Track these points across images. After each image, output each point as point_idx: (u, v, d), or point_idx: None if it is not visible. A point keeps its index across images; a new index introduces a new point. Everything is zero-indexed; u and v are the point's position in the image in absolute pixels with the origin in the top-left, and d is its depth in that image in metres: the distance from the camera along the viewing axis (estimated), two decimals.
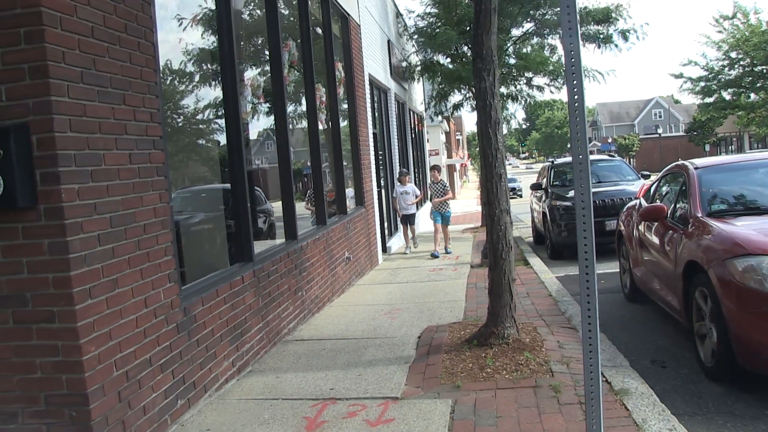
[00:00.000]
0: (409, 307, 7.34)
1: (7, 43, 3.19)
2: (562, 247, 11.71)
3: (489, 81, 5.23)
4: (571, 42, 2.92)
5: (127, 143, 3.80)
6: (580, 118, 2.96)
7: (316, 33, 8.84)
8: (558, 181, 13.30)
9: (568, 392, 4.24)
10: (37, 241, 3.26)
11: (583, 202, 3.00)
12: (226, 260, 5.60)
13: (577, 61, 2.92)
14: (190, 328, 4.36)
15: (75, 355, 3.28)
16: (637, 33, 14.29)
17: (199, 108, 5.72)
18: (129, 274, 3.72)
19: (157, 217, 4.06)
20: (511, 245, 5.34)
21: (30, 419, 3.35)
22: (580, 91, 2.94)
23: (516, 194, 37.72)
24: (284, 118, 6.81)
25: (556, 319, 6.31)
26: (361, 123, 10.75)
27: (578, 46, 2.93)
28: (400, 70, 16.68)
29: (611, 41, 14.17)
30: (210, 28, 5.67)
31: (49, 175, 3.23)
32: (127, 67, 3.84)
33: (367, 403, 4.31)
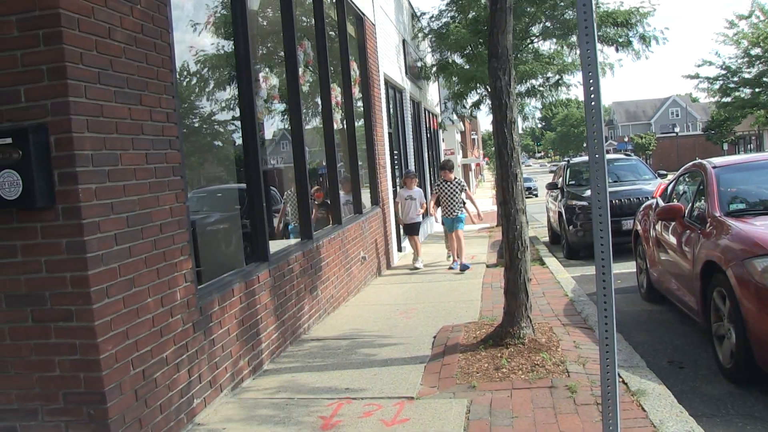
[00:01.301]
0: (425, 307, 7.33)
1: (26, 45, 3.23)
2: (578, 246, 11.64)
3: (504, 80, 5.21)
4: (587, 41, 2.90)
5: (144, 143, 3.83)
6: (597, 117, 2.95)
7: (331, 33, 8.85)
8: (574, 180, 13.22)
9: (584, 392, 4.21)
10: (55, 240, 3.29)
11: (600, 201, 2.98)
12: (241, 260, 5.62)
13: (593, 60, 2.90)
14: (206, 327, 4.38)
15: (92, 353, 3.30)
16: (657, 39, 14.02)
17: (214, 108, 5.75)
18: (145, 274, 3.74)
19: (174, 216, 4.08)
20: (527, 245, 5.31)
21: (49, 417, 3.38)
22: (596, 90, 2.92)
23: (532, 194, 37.56)
24: (299, 118, 6.82)
25: (572, 319, 6.27)
26: (377, 123, 10.75)
27: (594, 45, 2.91)
28: (416, 70, 16.66)
29: (630, 46, 13.93)
30: (225, 29, 5.69)
31: (67, 175, 3.26)
32: (143, 68, 3.86)
33: (382, 403, 4.31)
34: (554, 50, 14.88)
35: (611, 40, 13.88)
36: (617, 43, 13.87)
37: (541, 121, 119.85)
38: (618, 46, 13.94)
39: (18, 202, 3.21)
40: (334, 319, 7.07)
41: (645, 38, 13.86)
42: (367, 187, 10.21)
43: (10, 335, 3.38)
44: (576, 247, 11.69)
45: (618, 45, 13.91)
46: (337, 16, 9.09)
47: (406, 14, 16.25)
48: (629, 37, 13.82)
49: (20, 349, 3.38)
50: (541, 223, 18.14)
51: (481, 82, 15.22)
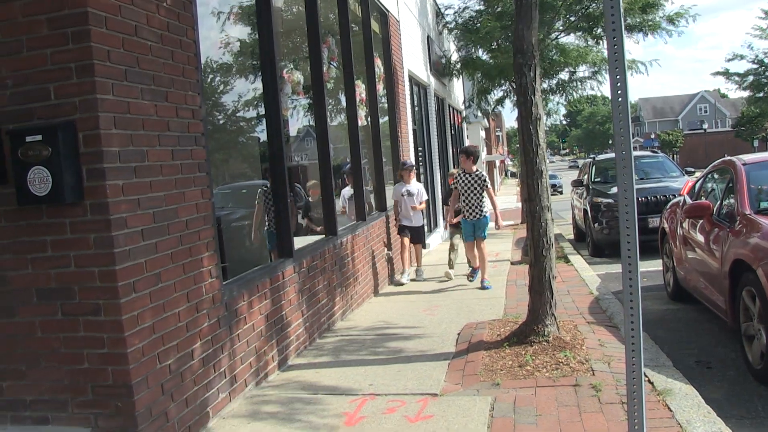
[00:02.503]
0: (449, 304, 7.32)
1: (55, 44, 3.27)
2: (603, 244, 11.54)
3: (530, 76, 5.17)
4: (614, 36, 2.87)
5: (170, 140, 3.86)
6: (624, 113, 2.91)
7: (356, 29, 8.86)
8: (599, 177, 13.10)
9: (609, 391, 4.17)
10: (83, 235, 3.34)
11: (627, 199, 2.95)
12: (266, 255, 5.66)
13: (620, 54, 2.87)
14: (231, 323, 4.42)
15: (120, 347, 3.35)
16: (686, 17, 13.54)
17: (239, 105, 5.78)
18: (172, 269, 3.78)
19: (199, 212, 4.12)
20: (552, 242, 5.28)
21: (78, 408, 3.43)
22: (623, 86, 2.89)
23: (556, 191, 37.29)
24: (324, 115, 6.84)
25: (598, 317, 6.22)
26: (401, 119, 10.74)
27: (622, 39, 2.88)
28: (440, 66, 16.61)
29: (659, 27, 13.53)
30: (250, 26, 5.72)
31: (95, 171, 3.30)
32: (169, 65, 3.89)
33: (406, 399, 4.31)
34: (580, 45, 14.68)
35: (638, 28, 13.56)
36: (645, 29, 13.51)
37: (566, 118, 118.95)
38: (646, 32, 13.59)
39: (48, 198, 3.26)
40: (359, 315, 7.08)
41: (672, 19, 13.47)
42: (391, 183, 10.21)
43: (41, 328, 3.44)
44: (601, 245, 11.58)
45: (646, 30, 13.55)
46: (362, 12, 9.09)
47: (430, 10, 16.21)
48: (657, 21, 13.44)
49: (50, 342, 3.44)
50: (566, 220, 18.01)
51: (506, 77, 15.10)
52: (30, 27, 3.30)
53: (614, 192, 11.24)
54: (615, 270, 9.41)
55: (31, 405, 3.50)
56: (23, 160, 3.27)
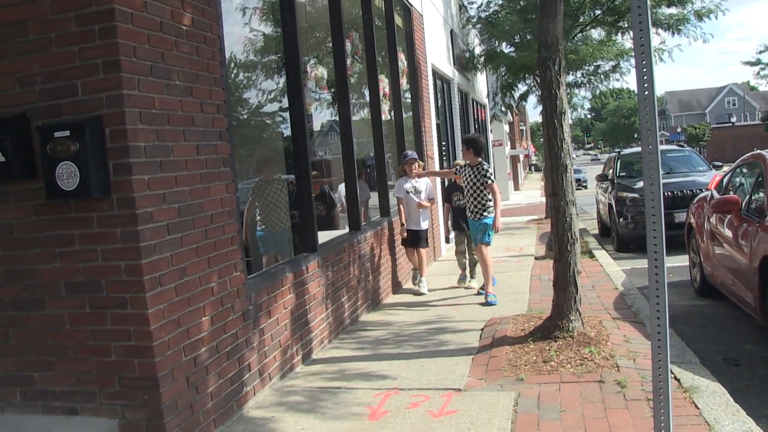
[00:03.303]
0: (472, 299, 7.29)
1: (82, 40, 3.31)
2: (628, 239, 11.42)
3: (554, 70, 5.13)
4: (641, 28, 2.84)
5: (195, 135, 3.89)
6: (650, 107, 2.88)
7: (379, 24, 8.84)
8: (625, 171, 12.96)
9: (634, 388, 4.13)
10: (110, 229, 3.38)
11: (653, 193, 2.92)
12: (290, 250, 5.68)
13: (647, 47, 2.83)
14: (255, 317, 4.45)
15: (146, 340, 3.39)
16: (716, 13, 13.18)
17: (263, 100, 5.81)
18: (197, 263, 3.81)
19: (224, 207, 4.15)
20: (577, 237, 5.24)
21: (106, 400, 3.48)
22: (650, 79, 2.86)
23: (581, 185, 36.96)
24: (347, 109, 6.85)
25: (623, 312, 6.16)
26: (425, 114, 10.71)
27: (648, 31, 2.84)
28: (463, 61, 16.53)
29: (688, 22, 13.21)
30: (274, 21, 5.74)
31: (121, 166, 3.33)
32: (194, 61, 3.92)
33: (429, 394, 4.31)
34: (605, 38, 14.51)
35: (665, 24, 13.32)
36: (672, 26, 13.25)
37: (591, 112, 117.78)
38: (673, 30, 13.33)
39: (75, 193, 3.30)
40: (382, 309, 7.09)
41: (700, 14, 13.16)
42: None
43: (70, 321, 3.50)
44: (626, 240, 11.47)
45: (673, 29, 13.29)
46: (385, 6, 9.07)
47: (454, 4, 16.13)
48: (685, 15, 13.15)
49: (78, 334, 3.49)
50: (590, 215, 17.84)
51: (529, 71, 14.99)
52: (58, 24, 3.34)
53: (640, 186, 11.11)
54: (640, 265, 9.31)
55: (60, 395, 3.56)
56: (52, 155, 3.31)
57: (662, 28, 13.32)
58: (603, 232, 13.90)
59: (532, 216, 19.01)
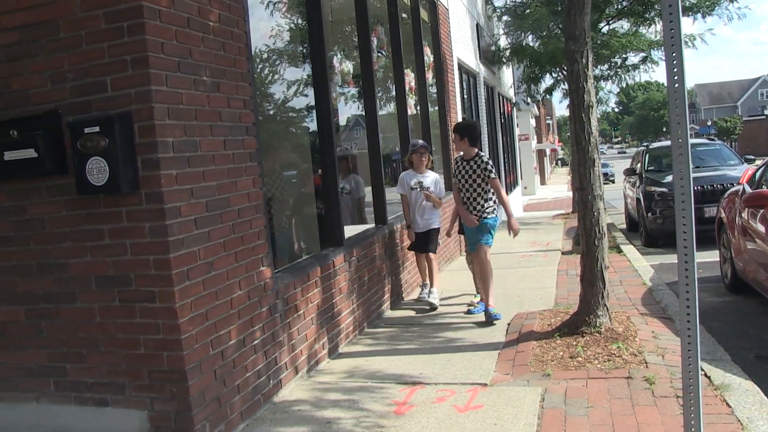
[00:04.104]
0: (499, 293, 7.25)
1: (112, 37, 3.34)
2: (657, 234, 11.29)
3: (582, 63, 5.08)
4: (671, 19, 2.79)
5: (222, 130, 3.92)
6: (680, 99, 2.84)
7: (405, 18, 8.82)
8: (653, 165, 12.80)
9: (663, 384, 4.09)
10: (139, 224, 3.42)
11: (683, 188, 2.88)
12: (317, 244, 5.70)
13: (677, 38, 2.79)
14: (282, 311, 4.47)
15: (174, 333, 3.42)
16: None
17: (289, 94, 5.82)
18: (224, 257, 3.84)
19: (251, 201, 4.17)
20: (604, 232, 5.19)
21: (135, 392, 3.53)
22: (680, 71, 2.81)
23: (608, 180, 36.59)
24: (373, 104, 6.84)
25: (651, 308, 6.09)
26: (451, 108, 10.67)
27: (679, 21, 2.79)
28: (489, 54, 16.43)
29: (718, 4, 12.88)
30: (300, 16, 5.75)
31: (150, 161, 3.37)
32: (220, 56, 3.94)
33: (455, 389, 4.31)
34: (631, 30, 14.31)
35: (695, 8, 13.03)
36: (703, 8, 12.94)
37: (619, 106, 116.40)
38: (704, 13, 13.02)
39: (105, 188, 3.35)
40: (408, 303, 7.09)
41: None
42: (440, 173, 10.16)
43: (100, 314, 3.55)
44: (655, 235, 11.34)
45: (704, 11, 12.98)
46: (410, 0, 9.05)
47: None
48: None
49: (108, 327, 3.54)
50: (617, 209, 17.67)
51: (556, 64, 14.85)
52: (88, 22, 3.38)
53: (668, 181, 10.98)
54: (669, 261, 9.20)
55: (92, 387, 3.62)
56: (82, 151, 3.36)
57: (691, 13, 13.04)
58: (631, 227, 13.78)
59: (559, 210, 18.88)
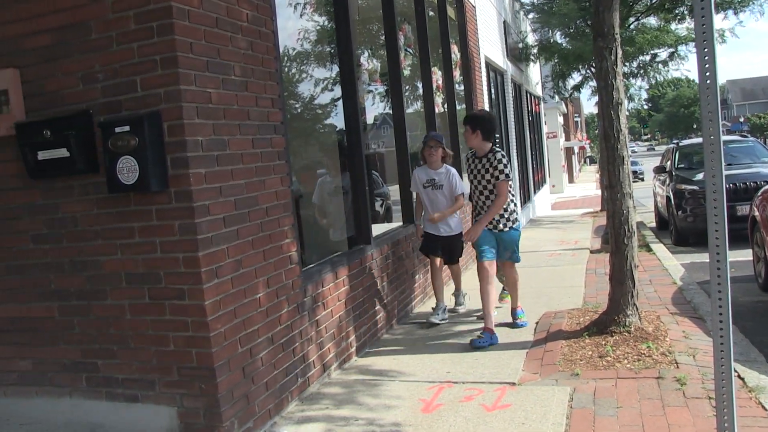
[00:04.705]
0: (527, 292, 7.20)
1: (141, 38, 3.38)
2: (687, 233, 11.13)
3: (611, 60, 5.02)
4: (703, 15, 2.75)
5: (250, 129, 3.95)
6: (712, 96, 2.79)
7: (431, 16, 8.80)
8: (683, 163, 12.62)
9: (694, 385, 4.03)
10: (168, 222, 3.45)
11: (715, 185, 2.83)
12: (345, 243, 5.72)
13: (709, 33, 2.74)
14: (310, 308, 4.49)
15: (203, 331, 3.45)
16: None
17: (316, 93, 5.84)
18: (252, 256, 3.87)
19: (279, 200, 4.19)
20: (634, 230, 5.13)
21: (165, 388, 3.57)
22: (712, 68, 2.76)
23: (637, 177, 36.14)
24: (401, 102, 6.84)
25: (681, 308, 6.01)
26: (478, 106, 10.62)
27: (711, 16, 2.75)
28: (517, 52, 16.33)
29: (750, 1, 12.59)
30: (327, 14, 5.76)
31: (179, 160, 3.40)
32: (249, 56, 3.97)
33: (483, 388, 4.29)
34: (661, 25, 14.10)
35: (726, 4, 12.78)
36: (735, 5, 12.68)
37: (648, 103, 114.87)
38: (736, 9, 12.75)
39: (135, 186, 3.38)
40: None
41: None
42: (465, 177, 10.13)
43: (130, 311, 3.60)
44: (685, 234, 11.18)
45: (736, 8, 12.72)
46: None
47: None
48: None
49: (139, 324, 3.59)
50: (647, 208, 17.44)
51: (584, 61, 14.70)
52: (119, 23, 3.42)
53: (699, 178, 10.81)
54: (700, 260, 9.06)
55: (123, 383, 3.67)
56: (113, 150, 3.40)
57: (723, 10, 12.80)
58: (660, 226, 13.60)
59: (587, 209, 18.71)
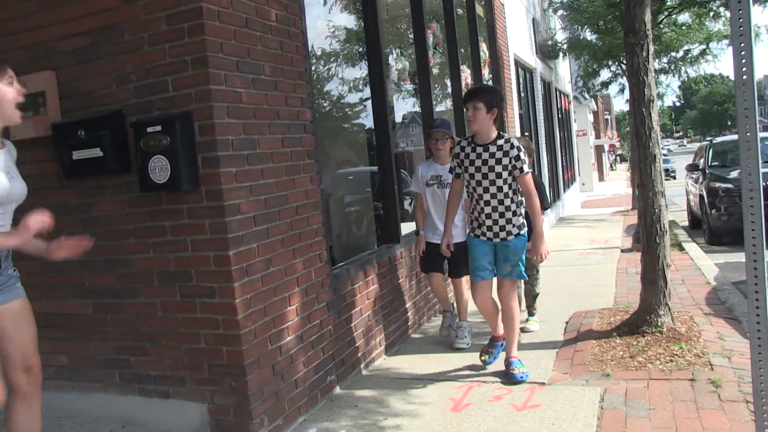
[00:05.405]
0: (557, 291, 7.16)
1: (173, 38, 3.42)
2: (721, 232, 10.93)
3: (642, 57, 4.96)
4: (740, 8, 2.69)
5: (280, 128, 3.97)
6: (749, 91, 2.73)
7: (460, 14, 8.76)
8: (717, 161, 12.40)
9: (730, 388, 3.95)
10: (199, 221, 3.48)
11: (751, 183, 2.77)
12: (373, 241, 5.72)
13: (746, 26, 2.69)
14: (339, 307, 4.50)
15: (234, 329, 3.48)
16: None
17: (345, 92, 5.86)
18: (282, 254, 3.89)
19: (308, 199, 4.21)
20: (666, 229, 5.06)
21: (196, 385, 3.61)
22: (749, 63, 2.71)
23: (669, 175, 35.63)
24: (429, 101, 6.82)
25: (716, 308, 5.91)
26: (507, 104, 10.56)
27: (749, 9, 2.69)
28: (546, 49, 16.19)
29: None
30: (355, 14, 5.77)
31: (210, 159, 3.43)
32: (278, 55, 3.99)
33: (513, 388, 4.26)
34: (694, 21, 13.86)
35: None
36: None
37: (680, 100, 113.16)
38: None
39: (167, 186, 3.42)
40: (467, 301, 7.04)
41: None
42: None
43: (162, 309, 3.64)
44: (719, 233, 10.98)
45: None
46: None
47: None
48: None
49: (170, 322, 3.63)
50: (679, 206, 17.18)
51: (614, 58, 14.53)
52: (150, 24, 3.46)
53: (734, 176, 10.62)
54: (734, 259, 8.90)
55: (154, 379, 3.72)
56: (145, 150, 3.44)
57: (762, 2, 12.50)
58: (693, 224, 13.39)
59: (617, 207, 18.50)
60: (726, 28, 13.50)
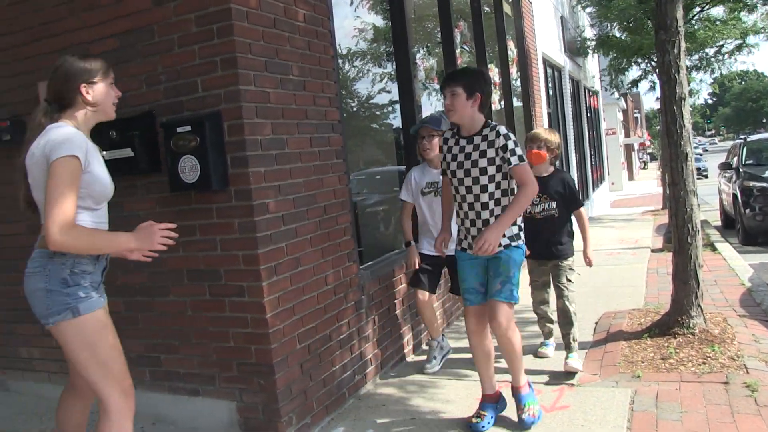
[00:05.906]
0: (586, 291, 7.08)
1: (202, 39, 3.45)
2: (756, 232, 10.74)
3: (673, 54, 4.89)
4: None
5: (308, 128, 3.98)
6: None
7: (487, 12, 8.72)
8: (752, 159, 12.19)
9: (767, 393, 3.86)
10: (228, 220, 3.51)
11: None
12: (401, 241, 5.71)
13: None
14: (367, 306, 4.51)
15: (262, 327, 3.50)
16: None
17: (373, 92, 5.85)
18: (310, 253, 3.90)
19: (337, 198, 4.22)
20: (698, 229, 4.98)
21: (225, 383, 3.64)
22: None
23: (701, 174, 35.08)
24: None
25: (750, 310, 5.79)
26: (535, 103, 10.48)
27: None
28: (574, 47, 16.04)
29: None
30: (383, 13, 5.77)
31: (239, 159, 3.46)
32: (306, 55, 4.00)
33: (541, 388, 4.22)
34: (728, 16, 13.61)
35: None
36: None
37: (712, 97, 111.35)
38: None
39: (196, 185, 3.46)
40: None
41: None
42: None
43: (191, 308, 3.68)
44: (754, 233, 10.79)
45: None
46: None
47: None
48: None
49: (199, 320, 3.67)
50: (711, 206, 16.91)
51: (643, 55, 14.33)
52: (180, 26, 3.50)
53: None
54: None
55: (184, 377, 3.76)
56: (175, 150, 3.48)
57: None
58: (726, 224, 13.18)
59: (648, 207, 18.26)
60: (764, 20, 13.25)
